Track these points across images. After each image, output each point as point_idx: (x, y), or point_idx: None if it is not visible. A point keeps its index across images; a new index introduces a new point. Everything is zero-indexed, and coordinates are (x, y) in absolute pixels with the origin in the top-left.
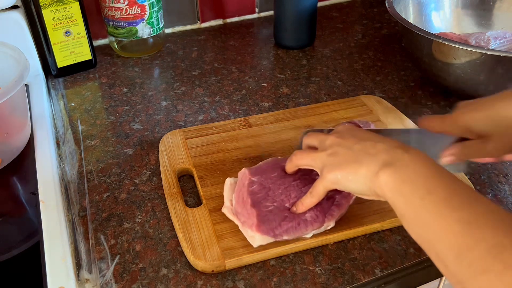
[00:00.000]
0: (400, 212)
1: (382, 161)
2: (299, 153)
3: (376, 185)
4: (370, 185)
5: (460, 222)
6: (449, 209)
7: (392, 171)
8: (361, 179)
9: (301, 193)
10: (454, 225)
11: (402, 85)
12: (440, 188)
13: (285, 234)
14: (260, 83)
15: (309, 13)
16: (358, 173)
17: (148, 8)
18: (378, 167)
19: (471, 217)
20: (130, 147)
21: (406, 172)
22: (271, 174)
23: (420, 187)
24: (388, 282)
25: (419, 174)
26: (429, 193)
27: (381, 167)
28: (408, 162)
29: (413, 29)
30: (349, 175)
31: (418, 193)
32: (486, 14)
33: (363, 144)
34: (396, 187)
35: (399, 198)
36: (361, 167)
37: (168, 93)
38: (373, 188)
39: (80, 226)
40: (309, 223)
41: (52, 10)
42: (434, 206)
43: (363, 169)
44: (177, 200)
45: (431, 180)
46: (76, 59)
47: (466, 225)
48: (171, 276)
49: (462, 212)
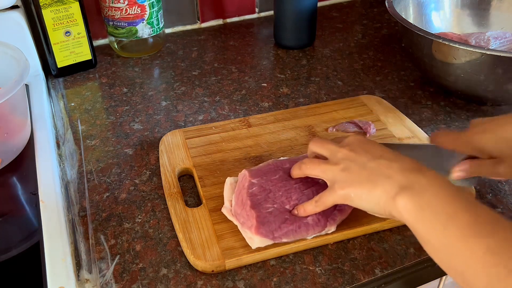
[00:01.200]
0: (423, 239)
1: (398, 184)
2: (309, 162)
3: (393, 208)
4: (385, 207)
5: (487, 250)
6: (475, 236)
7: (410, 196)
8: (376, 199)
9: (303, 195)
10: (482, 254)
11: (402, 85)
12: (462, 214)
13: (284, 237)
14: (260, 83)
15: (309, 13)
16: (373, 194)
17: (148, 8)
18: (395, 191)
19: (497, 244)
20: (130, 147)
21: (425, 197)
22: (272, 176)
23: (441, 213)
24: (388, 282)
25: (438, 199)
26: (451, 219)
27: (398, 191)
28: (425, 185)
29: (413, 29)
30: (362, 194)
31: (440, 220)
32: (486, 14)
33: (378, 162)
34: (416, 214)
35: (420, 225)
36: (376, 187)
37: (168, 93)
38: (389, 210)
39: (80, 226)
40: (310, 226)
41: (52, 10)
42: (459, 234)
43: (378, 190)
44: (177, 200)
45: (452, 204)
46: (76, 59)
47: (496, 256)
48: (171, 276)
49: (488, 239)
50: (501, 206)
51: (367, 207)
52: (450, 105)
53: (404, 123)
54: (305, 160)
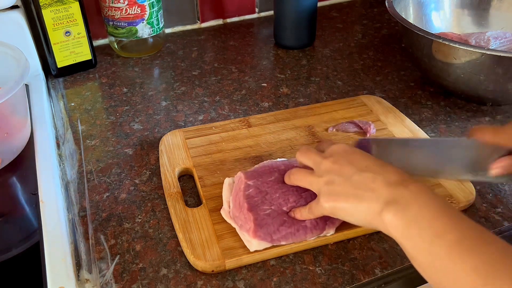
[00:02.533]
0: (410, 255)
1: (383, 200)
2: (296, 172)
3: (379, 223)
4: (371, 222)
5: (476, 270)
6: (462, 255)
7: (395, 212)
8: (362, 214)
9: (300, 198)
10: (470, 274)
11: (402, 85)
12: (448, 229)
13: (283, 239)
14: (260, 83)
15: (309, 13)
16: (359, 208)
17: (148, 8)
18: (380, 206)
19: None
20: (130, 147)
21: (410, 212)
22: (268, 178)
23: (427, 230)
24: (388, 282)
25: (423, 214)
26: (437, 237)
27: (383, 207)
28: (409, 199)
29: (413, 29)
30: (348, 209)
31: (426, 237)
32: (486, 14)
33: (362, 176)
34: (402, 230)
35: (406, 242)
36: (361, 202)
37: (168, 93)
38: (375, 225)
39: (80, 226)
40: (308, 229)
41: (52, 10)
42: (445, 252)
43: (364, 205)
44: (177, 200)
45: (437, 221)
46: (76, 59)
47: (483, 275)
48: (171, 276)
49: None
50: (501, 206)
51: (353, 221)
52: (450, 105)
53: (404, 123)
54: (293, 171)
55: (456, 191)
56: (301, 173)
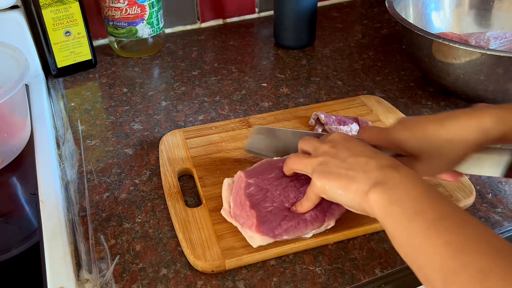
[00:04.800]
0: (389, 233)
1: (373, 180)
2: (293, 157)
3: (365, 203)
4: (359, 202)
5: (448, 245)
6: (438, 232)
7: (382, 191)
8: (351, 195)
9: (300, 193)
10: (442, 249)
11: (402, 85)
12: (429, 210)
13: (285, 233)
14: (260, 83)
15: (309, 13)
16: (349, 189)
17: (148, 8)
18: (368, 186)
19: (459, 241)
20: (130, 147)
21: (396, 192)
22: (268, 175)
23: (409, 208)
24: (388, 282)
25: (408, 195)
26: (417, 215)
27: (371, 186)
28: (398, 181)
29: (413, 29)
30: (338, 189)
31: (406, 215)
32: (486, 14)
33: (356, 159)
34: (385, 208)
35: (388, 219)
36: (352, 183)
37: (168, 93)
38: (363, 205)
39: (80, 226)
40: (309, 222)
41: (52, 10)
42: (422, 229)
43: (354, 185)
44: (177, 200)
45: (420, 201)
46: (76, 59)
47: (454, 249)
48: (171, 276)
49: (450, 235)
50: (501, 206)
51: (343, 201)
52: (450, 105)
53: None
54: (291, 156)
55: (456, 191)
56: (298, 157)
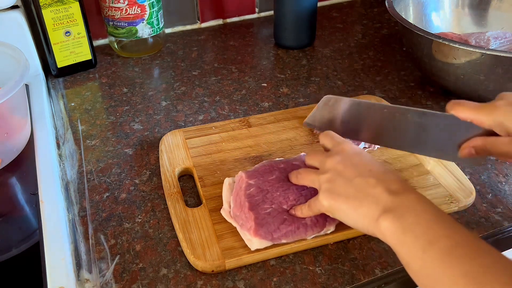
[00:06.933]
0: (403, 261)
1: (382, 206)
2: (303, 172)
3: (376, 229)
4: (368, 227)
5: (466, 277)
6: (453, 261)
7: (393, 218)
8: (360, 218)
9: (301, 196)
10: (460, 280)
11: (402, 85)
12: (442, 238)
13: (283, 237)
14: (260, 83)
15: (309, 13)
16: (357, 212)
17: (148, 8)
18: (378, 212)
19: (476, 271)
20: (130, 147)
21: (407, 219)
22: (269, 176)
23: (421, 237)
24: (388, 282)
25: (420, 222)
26: (431, 244)
27: (381, 213)
28: (408, 208)
29: (413, 29)
30: (346, 210)
31: (420, 244)
32: (486, 14)
33: (365, 180)
34: (397, 237)
35: (401, 248)
36: (360, 207)
37: (168, 93)
38: (372, 230)
39: (80, 226)
40: (308, 227)
41: (52, 10)
42: (437, 259)
43: (363, 209)
44: (177, 200)
45: (432, 228)
46: (76, 59)
47: (472, 281)
48: (171, 276)
49: (467, 265)
50: (501, 206)
51: (350, 223)
52: None
53: None
54: (300, 170)
55: (456, 191)
56: (306, 171)
